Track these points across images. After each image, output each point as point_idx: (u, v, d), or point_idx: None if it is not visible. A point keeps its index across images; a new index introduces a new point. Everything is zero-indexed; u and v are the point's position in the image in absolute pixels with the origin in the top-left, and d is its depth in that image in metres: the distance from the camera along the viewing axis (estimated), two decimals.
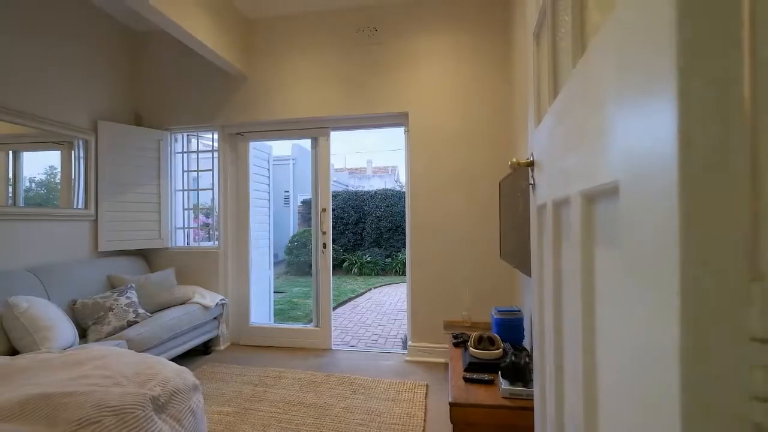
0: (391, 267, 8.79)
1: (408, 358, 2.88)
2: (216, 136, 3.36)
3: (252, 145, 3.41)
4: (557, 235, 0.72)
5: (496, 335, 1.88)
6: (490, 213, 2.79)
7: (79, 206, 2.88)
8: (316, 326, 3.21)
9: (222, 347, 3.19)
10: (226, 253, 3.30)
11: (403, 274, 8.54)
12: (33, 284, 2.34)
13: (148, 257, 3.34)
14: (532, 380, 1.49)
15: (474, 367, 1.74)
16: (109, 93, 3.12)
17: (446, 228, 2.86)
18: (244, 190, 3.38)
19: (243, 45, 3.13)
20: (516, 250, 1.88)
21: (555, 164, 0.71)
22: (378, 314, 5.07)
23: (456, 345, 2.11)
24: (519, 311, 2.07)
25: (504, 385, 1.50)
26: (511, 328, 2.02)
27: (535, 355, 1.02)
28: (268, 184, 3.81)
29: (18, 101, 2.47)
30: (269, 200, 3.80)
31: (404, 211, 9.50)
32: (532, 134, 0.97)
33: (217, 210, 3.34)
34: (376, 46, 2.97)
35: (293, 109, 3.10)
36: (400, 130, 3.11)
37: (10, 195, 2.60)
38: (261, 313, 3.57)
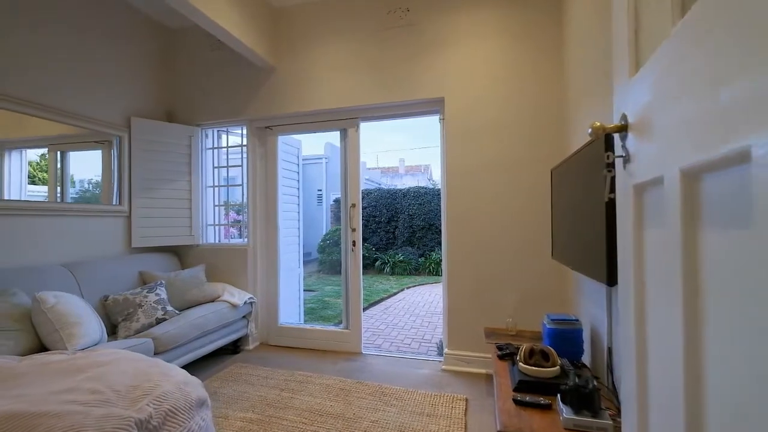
0: (424, 266, 8.53)
1: (445, 367, 2.64)
2: (245, 131, 3.29)
3: (281, 139, 3.31)
4: (690, 221, 0.47)
5: (550, 348, 1.60)
6: (537, 206, 2.48)
7: (114, 202, 2.90)
8: (346, 328, 3.04)
9: (251, 347, 3.11)
10: (255, 250, 3.22)
11: (437, 273, 8.25)
12: (66, 279, 2.35)
13: (179, 254, 3.33)
14: (602, 410, 1.22)
15: (525, 386, 1.47)
16: (142, 90, 3.13)
17: (486, 224, 2.59)
18: (272, 186, 3.28)
19: (271, 36, 3.03)
20: (575, 248, 1.59)
21: (690, 113, 0.47)
22: (411, 316, 4.85)
23: (501, 357, 1.85)
24: (576, 321, 1.77)
25: (566, 413, 1.23)
26: (568, 340, 1.73)
27: (627, 384, 0.76)
28: (298, 180, 3.70)
29: (57, 99, 2.50)
30: (299, 197, 3.69)
31: (437, 209, 9.23)
32: (623, 88, 0.72)
33: (246, 207, 3.27)
34: (409, 27, 2.74)
35: (321, 100, 2.95)
36: (435, 119, 2.87)
37: (59, 193, 2.67)
38: (290, 312, 3.46)
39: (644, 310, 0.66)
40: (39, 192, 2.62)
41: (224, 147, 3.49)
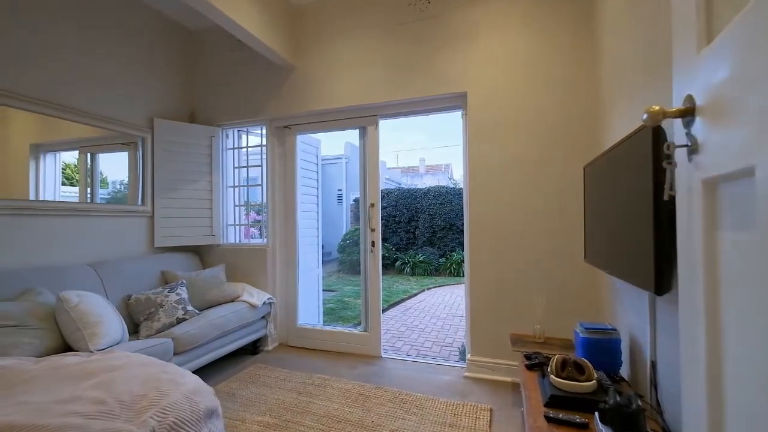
0: (445, 267, 8.37)
1: (467, 374, 2.53)
2: (264, 131, 3.28)
3: (299, 138, 3.28)
4: None
5: (584, 360, 1.47)
6: (567, 205, 2.33)
7: (138, 203, 2.95)
8: (365, 331, 2.97)
9: (270, 347, 3.10)
10: (274, 250, 3.21)
11: (458, 274, 8.07)
12: (91, 279, 2.39)
13: (200, 254, 3.36)
14: None
15: (558, 401, 1.36)
16: (164, 91, 3.17)
17: (512, 224, 2.45)
18: (291, 186, 3.26)
19: (289, 34, 3.00)
20: (613, 252, 1.45)
21: None
22: (432, 318, 4.74)
23: (530, 368, 1.73)
24: (614, 330, 1.62)
25: None
26: (604, 351, 1.59)
27: (691, 406, 0.65)
28: (317, 180, 3.66)
29: (84, 102, 2.55)
30: (318, 196, 3.65)
31: (459, 209, 9.05)
32: (687, 66, 0.60)
33: (265, 206, 3.26)
34: (430, 20, 2.64)
35: (340, 98, 2.89)
36: (456, 116, 2.76)
37: (89, 193, 2.74)
38: (310, 313, 3.43)
39: (719, 324, 0.55)
40: (74, 193, 2.70)
41: (244, 147, 3.50)
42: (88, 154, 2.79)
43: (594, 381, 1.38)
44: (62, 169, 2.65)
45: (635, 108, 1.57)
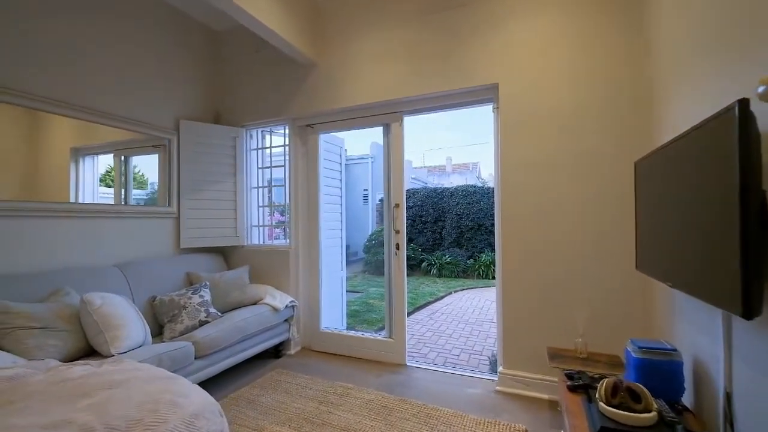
0: (472, 269, 8.10)
1: (499, 388, 2.34)
2: (287, 131, 3.23)
3: (322, 138, 3.20)
4: None
5: (640, 386, 1.26)
6: (613, 206, 2.10)
7: (166, 204, 2.97)
8: (389, 337, 2.85)
9: (292, 351, 3.04)
10: (297, 252, 3.15)
11: (487, 277, 7.79)
12: (118, 279, 2.41)
13: (226, 254, 3.36)
14: None
15: None
16: (191, 92, 3.19)
17: (549, 226, 2.24)
18: (314, 187, 3.18)
19: (312, 30, 2.92)
20: (678, 261, 1.24)
21: None
22: (459, 323, 4.55)
23: (573, 389, 1.53)
24: (674, 351, 1.40)
25: None
26: (662, 375, 1.38)
27: None
28: (340, 180, 3.57)
29: (115, 105, 2.59)
30: (341, 197, 3.56)
31: (487, 209, 8.73)
32: None
33: (289, 207, 3.21)
34: (458, 8, 2.47)
35: (362, 94, 2.78)
36: (486, 110, 2.57)
37: (123, 195, 2.79)
38: (333, 316, 3.35)
39: None
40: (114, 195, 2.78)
41: (268, 147, 3.47)
42: (122, 157, 2.84)
43: (654, 413, 1.18)
44: (108, 171, 2.72)
45: (702, 96, 1.34)
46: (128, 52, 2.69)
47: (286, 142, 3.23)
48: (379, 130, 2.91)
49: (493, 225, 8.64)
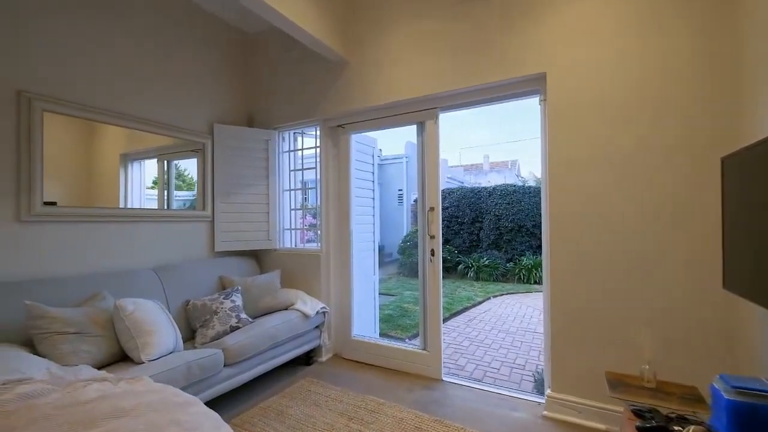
0: (512, 273, 7.70)
1: (547, 413, 2.10)
2: (318, 132, 3.15)
3: (354, 138, 3.09)
4: None
5: None
6: (691, 210, 1.79)
7: (201, 208, 2.99)
8: (424, 349, 2.67)
9: (324, 358, 2.96)
10: (328, 256, 3.06)
11: (528, 281, 7.36)
12: (154, 283, 2.44)
13: (259, 257, 3.35)
14: None
15: None
16: (224, 96, 3.20)
17: (607, 230, 1.97)
18: (345, 189, 3.08)
19: (343, 27, 2.82)
20: None
21: None
22: (499, 332, 4.27)
23: (644, 431, 1.28)
24: None
25: None
26: (766, 425, 1.10)
27: None
28: (373, 181, 3.45)
29: (152, 111, 2.64)
30: (374, 199, 3.44)
31: (529, 209, 8.26)
32: None
33: (319, 210, 3.13)
34: None
35: (396, 91, 2.63)
36: (528, 105, 2.33)
37: (165, 198, 2.86)
38: (365, 323, 3.23)
39: None
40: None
41: (299, 149, 3.42)
42: (165, 162, 2.90)
43: None
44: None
45: None
46: (165, 59, 2.73)
47: (317, 144, 3.16)
48: (413, 128, 2.74)
49: (535, 226, 8.17)
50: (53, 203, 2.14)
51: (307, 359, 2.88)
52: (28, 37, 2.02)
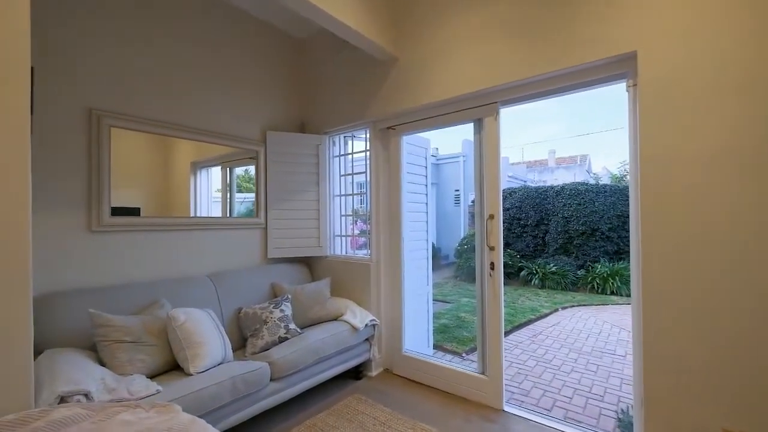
0: (585, 281, 6.93)
1: None
2: (368, 135, 3.02)
3: (405, 140, 2.90)
4: None
5: None
6: None
7: (256, 215, 3.03)
8: (482, 373, 2.40)
9: (374, 373, 2.82)
10: (378, 265, 2.91)
11: (603, 292, 6.57)
12: (208, 290, 2.48)
13: (310, 265, 3.32)
14: None
15: None
16: (277, 103, 3.21)
17: (719, 245, 1.54)
18: (395, 193, 2.90)
19: (391, 23, 2.65)
20: None
21: None
22: (570, 351, 3.79)
23: None
24: None
25: None
26: None
27: None
28: (426, 185, 3.23)
29: (210, 121, 2.72)
30: (427, 204, 3.22)
31: (603, 210, 7.38)
32: None
33: (369, 216, 3.00)
34: None
35: (450, 87, 2.39)
36: (618, 88, 1.95)
37: (228, 207, 2.95)
38: (418, 334, 3.03)
39: None
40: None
41: (349, 154, 3.32)
42: (228, 169, 2.99)
43: None
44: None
45: None
46: (223, 70, 2.79)
47: (368, 147, 3.03)
48: (469, 124, 2.48)
49: (611, 230, 7.28)
50: (137, 209, 2.32)
51: (356, 373, 2.76)
52: (100, 58, 2.15)
